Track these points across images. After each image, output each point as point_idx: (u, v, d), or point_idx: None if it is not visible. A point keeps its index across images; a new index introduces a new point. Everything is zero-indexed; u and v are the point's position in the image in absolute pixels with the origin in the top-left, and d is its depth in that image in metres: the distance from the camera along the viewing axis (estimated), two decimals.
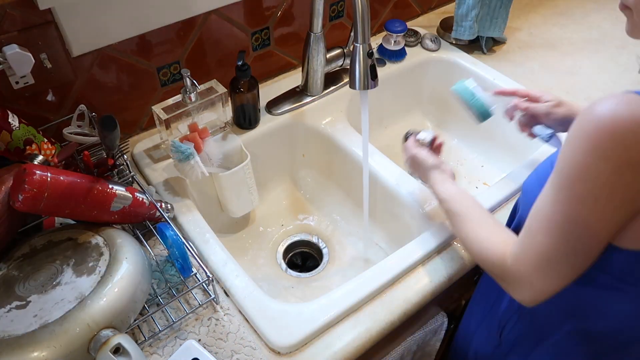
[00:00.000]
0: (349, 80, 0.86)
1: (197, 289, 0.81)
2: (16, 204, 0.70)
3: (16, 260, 0.75)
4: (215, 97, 0.98)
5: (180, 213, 0.90)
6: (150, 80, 1.00)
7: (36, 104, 0.89)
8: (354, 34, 0.81)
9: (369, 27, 0.81)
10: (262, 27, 1.09)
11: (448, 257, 0.87)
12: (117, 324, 0.67)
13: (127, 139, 1.03)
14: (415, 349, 1.00)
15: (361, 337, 0.76)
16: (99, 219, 0.78)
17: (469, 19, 1.21)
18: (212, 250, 0.85)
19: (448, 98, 1.29)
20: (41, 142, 0.85)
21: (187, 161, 0.88)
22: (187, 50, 1.01)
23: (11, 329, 0.64)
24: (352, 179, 1.08)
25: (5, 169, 0.77)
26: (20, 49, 0.79)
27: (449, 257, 0.86)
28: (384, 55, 1.23)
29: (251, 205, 1.06)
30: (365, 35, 0.81)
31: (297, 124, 1.10)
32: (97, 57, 0.91)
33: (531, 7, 1.45)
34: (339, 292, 0.80)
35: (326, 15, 1.18)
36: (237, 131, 1.05)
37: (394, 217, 1.00)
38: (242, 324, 0.77)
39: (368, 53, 0.81)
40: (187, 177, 0.90)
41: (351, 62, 0.83)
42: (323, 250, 1.07)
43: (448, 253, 0.87)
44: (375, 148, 1.04)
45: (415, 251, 0.85)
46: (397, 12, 1.32)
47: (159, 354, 0.73)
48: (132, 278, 0.71)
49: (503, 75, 1.20)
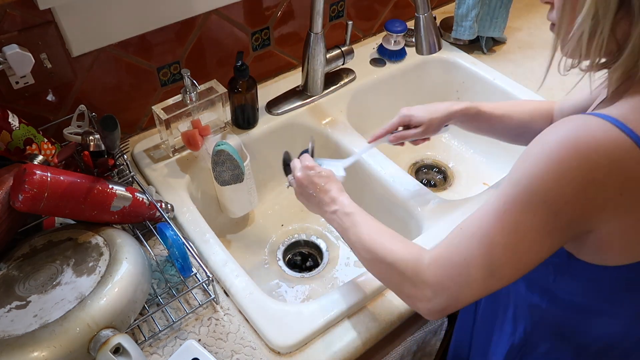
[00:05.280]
0: (416, 48, 0.93)
1: (197, 289, 0.81)
2: (16, 204, 0.70)
3: (16, 260, 0.75)
4: (215, 97, 0.98)
5: (180, 213, 0.90)
6: (151, 80, 1.00)
7: (36, 104, 0.89)
8: (415, 5, 0.88)
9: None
10: (262, 27, 1.09)
11: None
12: (117, 324, 0.67)
13: (127, 139, 1.03)
14: (415, 349, 1.00)
15: (361, 337, 0.76)
16: (99, 219, 0.78)
17: (469, 19, 1.21)
18: (212, 250, 0.85)
19: (448, 98, 1.30)
20: (41, 142, 0.85)
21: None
22: (187, 50, 1.01)
23: (11, 329, 0.64)
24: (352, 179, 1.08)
25: (5, 169, 0.77)
26: (20, 49, 0.79)
27: None
28: (384, 55, 1.23)
29: (251, 206, 1.06)
30: (427, 5, 0.88)
31: (297, 124, 1.10)
32: (97, 57, 0.91)
33: (531, 7, 1.45)
34: (339, 292, 0.80)
35: (326, 15, 1.18)
36: (236, 131, 1.05)
37: (394, 217, 1.00)
38: (242, 324, 0.77)
39: (433, 19, 0.90)
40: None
41: (416, 31, 0.91)
42: (323, 250, 1.07)
43: None
44: (375, 148, 1.04)
45: None
46: (397, 12, 1.32)
47: (159, 354, 0.73)
48: (132, 278, 0.71)
49: (503, 76, 1.20)
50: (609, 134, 0.51)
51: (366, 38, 1.31)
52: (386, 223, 1.06)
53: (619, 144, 0.50)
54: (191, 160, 1.00)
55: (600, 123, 0.52)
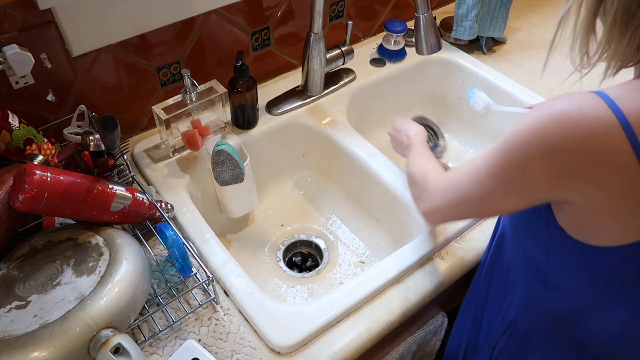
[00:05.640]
0: (416, 47, 0.94)
1: (197, 289, 0.81)
2: (16, 204, 0.70)
3: (16, 260, 0.75)
4: (215, 97, 0.98)
5: (180, 213, 0.90)
6: (151, 80, 1.00)
7: (36, 104, 0.89)
8: (415, 5, 0.90)
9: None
10: (262, 27, 1.09)
11: (448, 257, 0.87)
12: (117, 324, 0.67)
13: (127, 139, 1.03)
14: (415, 349, 1.00)
15: (361, 337, 0.76)
16: (99, 219, 0.78)
17: (469, 19, 1.21)
18: (212, 250, 0.85)
19: (448, 98, 1.30)
20: (41, 142, 0.85)
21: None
22: (187, 50, 1.01)
23: (11, 329, 0.64)
24: (352, 179, 1.08)
25: (5, 169, 0.77)
26: (20, 49, 0.79)
27: (449, 257, 0.86)
28: (384, 55, 1.23)
29: (251, 206, 1.06)
30: (427, 5, 0.89)
31: (297, 124, 1.10)
32: (97, 57, 0.91)
33: (531, 7, 1.45)
34: (339, 292, 0.80)
35: (326, 15, 1.18)
36: (236, 131, 1.05)
37: (394, 217, 1.01)
38: (242, 324, 0.77)
39: (433, 19, 0.91)
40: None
41: (416, 30, 0.92)
42: (323, 250, 1.07)
43: (448, 253, 0.87)
44: (376, 148, 1.04)
45: (415, 251, 0.85)
46: (397, 12, 1.32)
47: (159, 354, 0.73)
48: (132, 278, 0.71)
49: (503, 76, 1.19)
50: (595, 109, 0.53)
51: (366, 38, 1.31)
52: (386, 223, 1.07)
53: (601, 119, 0.52)
54: (191, 160, 1.00)
55: (594, 99, 0.54)
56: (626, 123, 0.51)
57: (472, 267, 0.87)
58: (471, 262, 0.87)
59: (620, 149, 0.52)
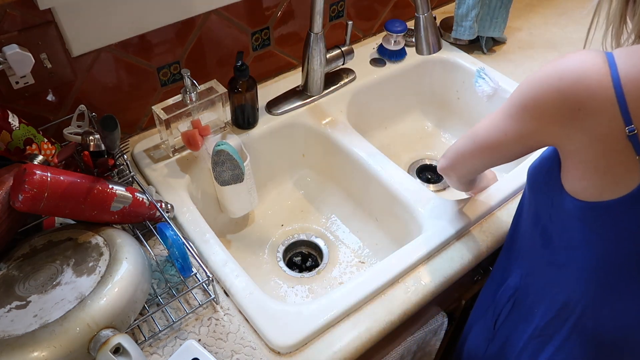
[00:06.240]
0: (416, 47, 0.94)
1: (197, 289, 0.81)
2: (16, 204, 0.70)
3: (16, 260, 0.75)
4: (215, 97, 0.98)
5: (180, 213, 0.90)
6: (150, 80, 1.00)
7: (36, 104, 0.89)
8: (415, 5, 0.90)
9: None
10: (262, 27, 1.09)
11: (448, 257, 0.87)
12: (117, 324, 0.67)
13: (127, 139, 1.03)
14: (415, 349, 1.00)
15: (361, 337, 0.76)
16: (99, 219, 0.78)
17: (469, 19, 1.21)
18: (212, 250, 0.85)
19: (448, 98, 1.30)
20: (41, 142, 0.85)
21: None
22: (187, 50, 1.01)
23: (11, 329, 0.64)
24: (352, 179, 1.08)
25: (5, 169, 0.77)
26: (20, 49, 0.79)
27: (448, 257, 0.86)
28: (384, 55, 1.23)
29: (251, 206, 1.06)
30: (427, 5, 0.90)
31: (297, 124, 1.10)
32: (97, 57, 0.91)
33: (531, 7, 1.45)
34: (339, 292, 0.80)
35: (326, 15, 1.18)
36: (236, 131, 1.05)
37: (394, 217, 1.00)
38: (242, 324, 0.77)
39: (433, 19, 0.91)
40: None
41: (416, 30, 0.92)
42: (323, 250, 1.07)
43: (448, 253, 0.87)
44: (376, 148, 1.04)
45: (415, 251, 0.85)
46: (397, 12, 1.32)
47: (159, 354, 0.73)
48: (132, 278, 0.71)
49: (503, 76, 1.19)
50: (594, 60, 0.58)
51: (366, 38, 1.31)
52: (386, 223, 1.07)
53: (594, 67, 0.57)
54: (191, 160, 1.00)
55: (599, 54, 0.58)
56: (616, 74, 0.56)
57: (472, 267, 0.87)
58: (471, 263, 0.87)
59: (605, 95, 0.56)
